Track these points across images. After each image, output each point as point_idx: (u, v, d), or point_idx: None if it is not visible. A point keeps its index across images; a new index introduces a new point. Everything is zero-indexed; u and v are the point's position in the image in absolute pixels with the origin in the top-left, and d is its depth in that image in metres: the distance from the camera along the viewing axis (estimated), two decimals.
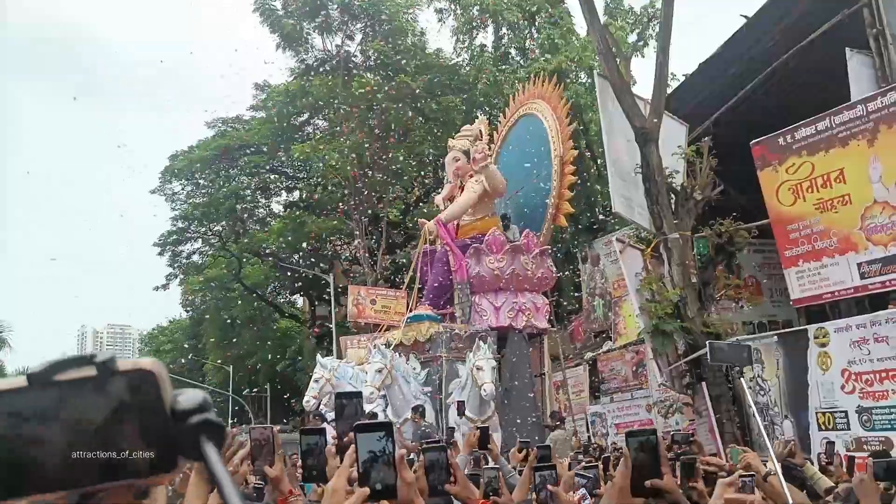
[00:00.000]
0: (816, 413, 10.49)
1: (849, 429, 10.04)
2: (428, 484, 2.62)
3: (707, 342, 4.61)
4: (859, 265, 10.72)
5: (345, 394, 2.32)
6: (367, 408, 12.41)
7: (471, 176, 15.63)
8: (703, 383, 11.59)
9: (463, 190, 15.79)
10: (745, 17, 14.31)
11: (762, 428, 4.53)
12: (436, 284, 15.20)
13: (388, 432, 1.77)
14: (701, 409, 11.81)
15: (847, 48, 11.82)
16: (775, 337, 11.81)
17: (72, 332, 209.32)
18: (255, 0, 28.76)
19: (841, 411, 10.17)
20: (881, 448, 8.67)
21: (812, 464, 5.09)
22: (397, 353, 12.97)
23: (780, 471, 3.93)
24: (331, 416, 12.99)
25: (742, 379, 4.92)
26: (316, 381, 13.40)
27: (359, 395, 2.33)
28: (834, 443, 7.79)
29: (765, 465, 4.21)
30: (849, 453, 8.96)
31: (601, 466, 5.35)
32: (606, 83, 13.17)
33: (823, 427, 10.37)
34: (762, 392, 11.45)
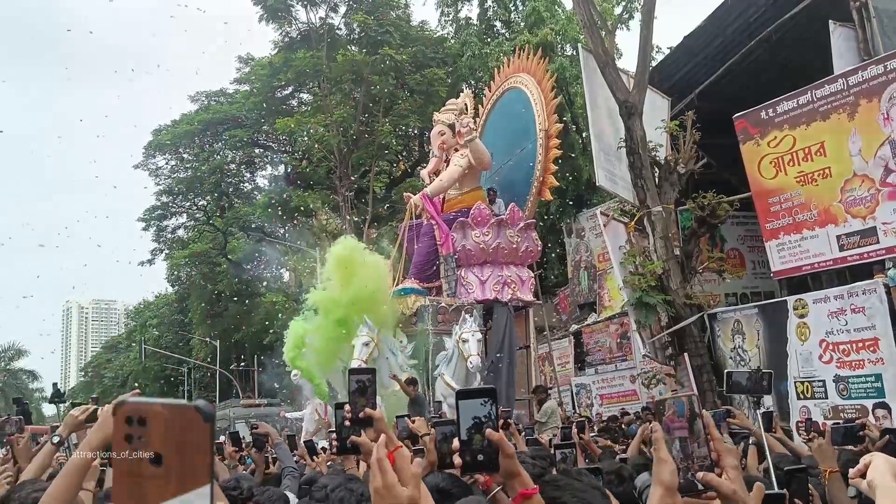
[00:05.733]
0: (795, 382, 10.71)
1: (826, 397, 10.27)
2: (439, 457, 2.67)
3: (725, 371, 4.61)
4: (838, 237, 10.89)
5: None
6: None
7: (456, 150, 15.65)
8: (685, 354, 11.79)
9: (448, 164, 15.82)
10: None
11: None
12: (422, 258, 15.27)
13: (492, 398, 1.68)
14: (683, 380, 12.02)
15: (831, 21, 11.88)
16: (755, 308, 12.00)
17: (56, 307, 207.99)
18: None
19: (819, 380, 10.39)
20: (857, 416, 8.90)
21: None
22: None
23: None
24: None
25: (723, 347, 5.06)
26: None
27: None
28: (811, 418, 8.02)
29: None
30: (827, 422, 9.20)
31: (575, 430, 5.44)
32: (590, 57, 13.17)
33: (802, 396, 10.60)
34: (742, 362, 11.66)
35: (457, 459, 1.67)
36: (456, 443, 1.67)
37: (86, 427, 3.91)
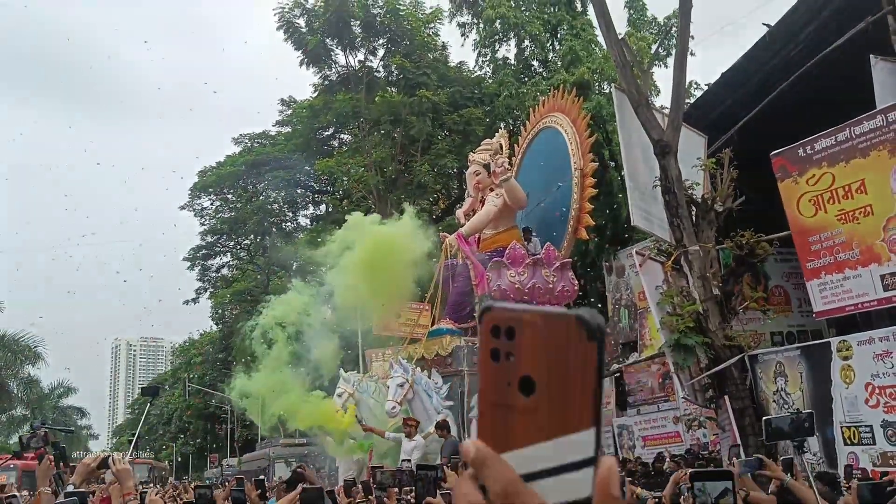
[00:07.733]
0: (841, 427, 10.33)
1: (874, 443, 9.88)
2: (416, 497, 3.62)
3: (763, 419, 4.45)
4: (882, 277, 10.56)
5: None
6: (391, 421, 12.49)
7: (491, 190, 15.70)
8: (726, 397, 11.48)
9: (484, 204, 15.86)
10: (768, 25, 14.21)
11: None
12: (457, 298, 15.25)
13: (732, 480, 1.95)
14: (724, 424, 11.70)
15: (871, 55, 11.70)
16: (798, 350, 11.67)
17: (105, 345, 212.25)
18: (280, 18, 29.23)
19: (866, 426, 10.01)
20: None
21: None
22: (419, 368, 13.03)
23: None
24: None
25: (766, 390, 4.92)
26: (339, 395, 13.45)
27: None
28: (851, 465, 7.72)
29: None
30: (876, 469, 8.84)
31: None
32: (624, 96, 13.16)
33: (849, 441, 10.21)
34: (786, 405, 11.31)
35: None
36: None
37: (98, 474, 3.96)
